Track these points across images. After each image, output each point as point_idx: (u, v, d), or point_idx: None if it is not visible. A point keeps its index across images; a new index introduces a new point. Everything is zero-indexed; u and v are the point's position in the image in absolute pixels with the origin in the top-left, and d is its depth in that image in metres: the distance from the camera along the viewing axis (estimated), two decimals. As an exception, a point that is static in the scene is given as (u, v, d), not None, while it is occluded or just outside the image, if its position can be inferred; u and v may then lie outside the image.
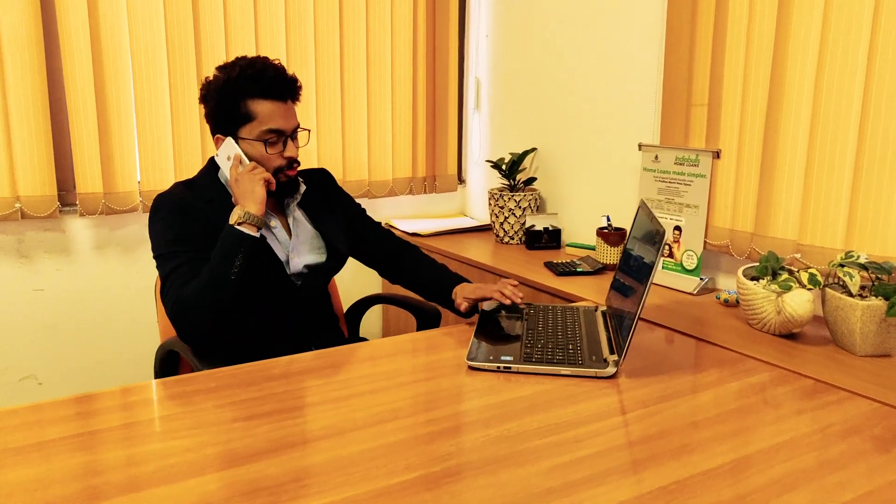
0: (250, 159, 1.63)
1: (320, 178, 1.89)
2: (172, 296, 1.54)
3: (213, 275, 1.53)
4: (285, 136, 1.67)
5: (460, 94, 3.05)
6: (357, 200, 2.81)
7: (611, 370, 1.36)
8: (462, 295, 1.73)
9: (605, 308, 1.75)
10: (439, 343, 1.57)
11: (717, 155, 1.95)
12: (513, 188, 2.68)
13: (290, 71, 1.67)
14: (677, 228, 2.04)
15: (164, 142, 2.39)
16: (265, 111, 1.63)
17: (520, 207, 2.60)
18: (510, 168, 2.66)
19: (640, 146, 2.14)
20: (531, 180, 2.71)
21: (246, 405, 1.23)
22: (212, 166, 1.72)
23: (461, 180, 3.15)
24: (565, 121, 2.58)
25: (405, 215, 3.02)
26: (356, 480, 0.99)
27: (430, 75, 2.91)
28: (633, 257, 1.54)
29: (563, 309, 1.73)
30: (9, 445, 1.07)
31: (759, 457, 1.07)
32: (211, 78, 1.66)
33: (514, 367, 1.39)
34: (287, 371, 1.39)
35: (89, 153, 2.27)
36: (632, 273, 1.50)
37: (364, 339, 1.95)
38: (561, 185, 2.64)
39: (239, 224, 1.55)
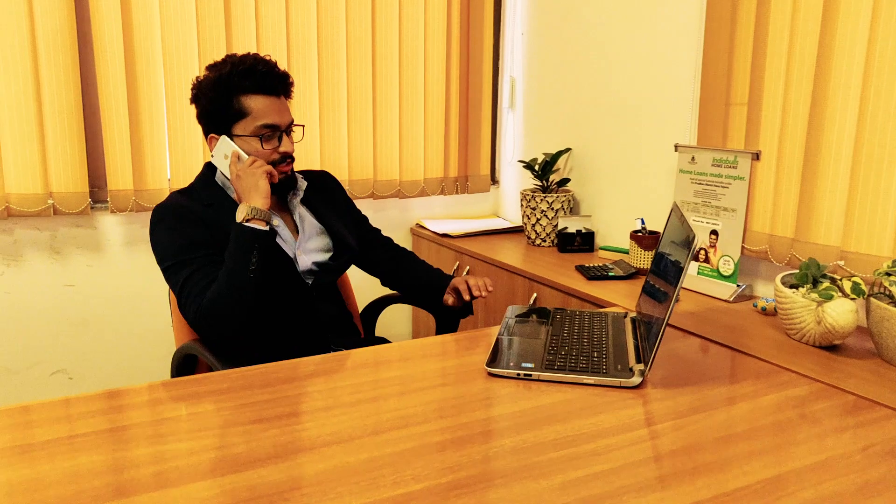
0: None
1: (322, 178, 1.87)
2: (193, 304, 1.51)
3: (231, 276, 1.51)
4: (280, 131, 1.65)
5: (494, 93, 3.00)
6: (388, 201, 2.82)
7: (636, 380, 1.30)
8: (449, 289, 1.79)
9: (634, 314, 1.68)
10: (459, 347, 1.52)
11: (756, 156, 1.87)
12: (545, 189, 2.62)
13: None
14: (714, 233, 1.95)
15: (195, 139, 2.40)
16: (259, 106, 1.61)
17: (552, 209, 2.54)
18: (543, 168, 2.60)
19: (676, 147, 2.06)
20: (565, 181, 2.64)
21: (255, 408, 1.20)
22: (208, 171, 1.70)
23: (494, 181, 3.10)
24: (600, 120, 2.51)
25: (436, 216, 2.98)
26: (360, 490, 0.94)
27: (463, 73, 2.86)
28: (663, 262, 1.47)
29: (591, 314, 1.67)
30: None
31: (794, 477, 1.00)
32: (201, 77, 1.64)
33: (535, 374, 1.33)
34: (300, 374, 1.36)
35: (121, 150, 2.28)
36: (662, 278, 1.43)
37: (382, 339, 1.93)
38: (595, 186, 2.57)
39: (247, 221, 1.53)
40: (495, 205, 3.13)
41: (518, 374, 1.34)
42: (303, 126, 1.77)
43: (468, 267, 2.56)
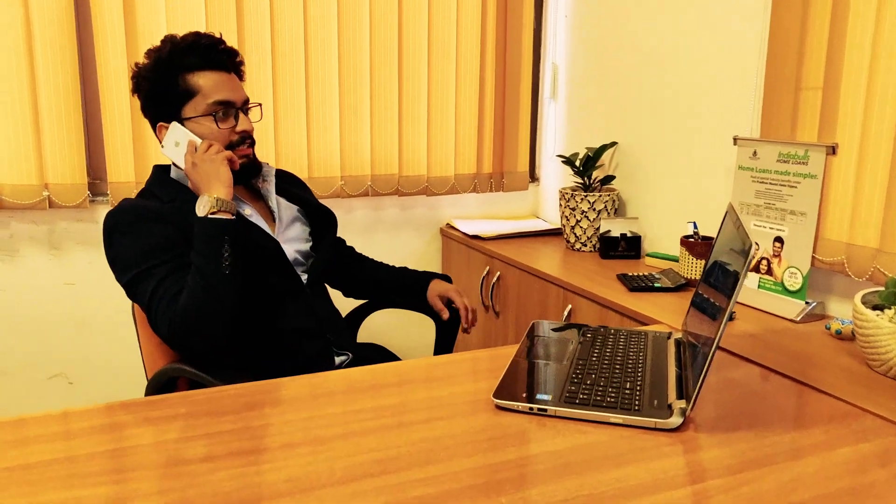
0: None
1: (287, 174, 1.73)
2: (165, 315, 1.32)
3: (204, 276, 1.32)
4: (235, 108, 1.47)
5: (535, 82, 2.74)
6: (415, 198, 2.61)
7: (675, 421, 1.05)
8: (437, 292, 1.71)
9: (680, 335, 1.42)
10: (468, 370, 1.29)
11: (832, 150, 1.58)
12: (587, 187, 2.36)
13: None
14: (778, 240, 1.67)
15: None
16: (208, 83, 1.44)
17: (594, 210, 2.28)
18: (585, 164, 2.34)
19: (735, 140, 1.78)
20: (609, 179, 2.38)
21: (209, 441, 0.99)
22: (160, 172, 1.52)
23: (533, 178, 2.85)
24: (651, 111, 2.24)
25: (469, 216, 2.75)
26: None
27: (499, 59, 2.61)
28: (714, 274, 1.21)
29: (627, 334, 1.42)
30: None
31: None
32: (140, 63, 1.47)
33: (551, 409, 1.09)
34: (274, 398, 1.15)
35: (122, 140, 2.12)
36: (713, 293, 1.17)
37: (378, 346, 1.76)
38: (643, 184, 2.30)
39: (212, 214, 1.34)
40: (535, 204, 2.88)
41: (531, 409, 1.10)
42: (260, 105, 1.59)
43: (498, 273, 2.32)
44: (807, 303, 1.61)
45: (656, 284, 1.84)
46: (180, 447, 0.97)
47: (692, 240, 1.88)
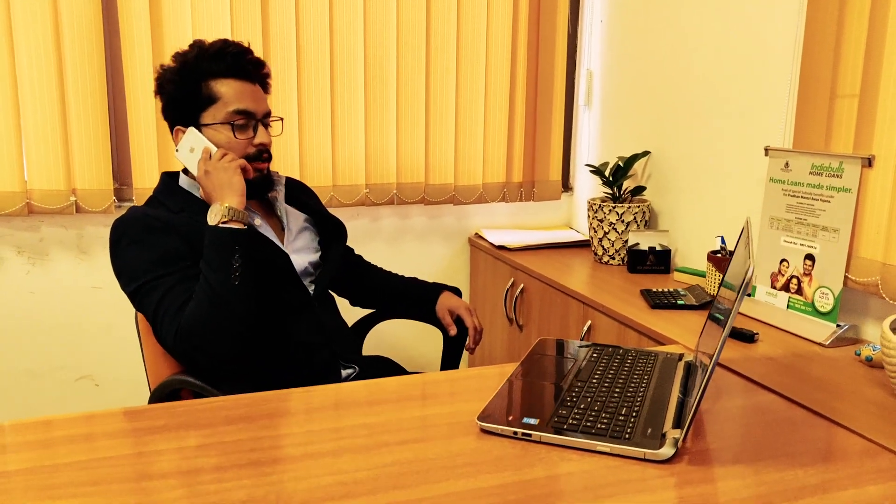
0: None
1: (296, 182, 1.70)
2: (171, 325, 1.30)
3: (213, 287, 1.29)
4: (255, 120, 1.44)
5: (569, 89, 2.67)
6: (442, 207, 2.56)
7: (666, 452, 0.97)
8: (447, 306, 1.70)
9: (691, 357, 1.34)
10: (459, 388, 1.23)
11: (868, 162, 1.47)
12: (616, 198, 2.27)
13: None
14: (809, 258, 1.56)
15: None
16: (230, 91, 1.41)
17: (622, 221, 2.19)
18: (614, 174, 2.26)
19: (766, 150, 1.68)
20: (639, 189, 2.29)
21: (184, 455, 0.97)
22: (168, 179, 1.50)
23: (567, 187, 2.77)
24: (686, 120, 2.15)
25: (498, 225, 2.69)
26: None
27: (531, 64, 2.55)
28: (721, 293, 1.13)
29: (636, 354, 1.34)
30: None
31: None
32: (165, 65, 1.46)
33: (536, 434, 1.03)
34: (251, 413, 1.12)
35: (147, 147, 2.15)
36: (718, 315, 1.10)
37: (386, 359, 1.72)
38: (676, 196, 2.20)
39: (223, 223, 1.32)
40: (568, 214, 2.80)
41: (514, 433, 1.04)
42: (281, 119, 1.57)
43: (522, 285, 2.26)
44: (838, 325, 1.50)
45: (679, 301, 1.75)
46: (153, 460, 0.95)
47: (719, 255, 1.79)
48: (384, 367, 1.65)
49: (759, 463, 0.98)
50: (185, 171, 1.50)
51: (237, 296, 1.31)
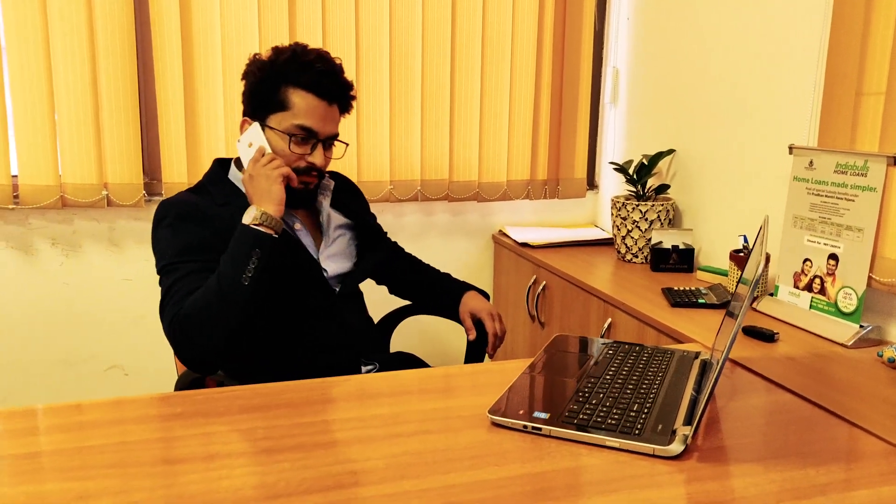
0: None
1: (344, 179, 1.69)
2: (172, 308, 1.31)
3: (220, 281, 1.31)
4: (316, 138, 1.43)
5: (595, 86, 2.66)
6: (465, 204, 2.57)
7: (675, 448, 0.97)
8: (470, 308, 1.67)
9: (708, 355, 1.33)
10: (475, 382, 1.25)
11: (894, 161, 1.44)
12: (640, 196, 2.26)
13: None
14: (833, 257, 1.54)
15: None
16: (302, 104, 1.40)
17: (646, 220, 2.18)
18: (638, 172, 2.25)
19: (790, 148, 1.66)
20: (663, 188, 2.27)
21: (200, 441, 1.00)
22: (218, 167, 1.51)
23: (592, 185, 2.76)
24: (711, 117, 2.13)
25: (523, 222, 2.70)
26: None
27: (557, 61, 2.54)
28: (738, 290, 1.13)
29: (652, 352, 1.34)
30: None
31: None
32: (259, 55, 1.46)
33: (546, 428, 1.04)
34: (269, 402, 1.14)
35: (176, 142, 2.19)
36: (734, 312, 1.09)
37: (410, 355, 1.73)
38: (700, 194, 2.18)
39: (256, 225, 1.34)
40: (593, 212, 2.79)
41: (524, 427, 1.05)
42: (346, 144, 1.56)
43: (544, 283, 2.26)
44: (861, 326, 1.48)
45: (700, 300, 1.73)
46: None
47: (741, 254, 1.77)
48: (406, 364, 1.66)
49: (770, 461, 0.98)
50: (238, 162, 1.52)
51: (241, 295, 1.30)
